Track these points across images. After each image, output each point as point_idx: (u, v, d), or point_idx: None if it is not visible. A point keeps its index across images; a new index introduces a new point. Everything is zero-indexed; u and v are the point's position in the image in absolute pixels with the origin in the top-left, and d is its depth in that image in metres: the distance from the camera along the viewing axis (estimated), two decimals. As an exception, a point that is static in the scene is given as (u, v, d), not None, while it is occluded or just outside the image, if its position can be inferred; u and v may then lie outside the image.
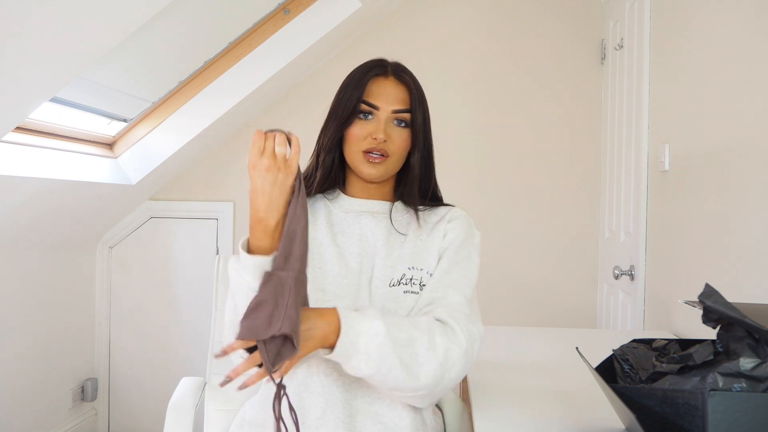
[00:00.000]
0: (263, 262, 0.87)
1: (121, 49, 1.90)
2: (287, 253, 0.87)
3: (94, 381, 2.74)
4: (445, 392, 1.00)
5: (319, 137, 1.13)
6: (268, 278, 0.85)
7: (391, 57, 1.18)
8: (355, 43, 2.71)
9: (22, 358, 2.29)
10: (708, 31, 1.61)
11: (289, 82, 2.66)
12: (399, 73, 1.12)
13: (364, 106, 1.07)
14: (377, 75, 1.10)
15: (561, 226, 2.66)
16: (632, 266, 2.11)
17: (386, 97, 1.08)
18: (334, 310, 0.90)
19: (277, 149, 0.88)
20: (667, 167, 1.85)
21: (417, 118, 1.09)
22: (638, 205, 2.08)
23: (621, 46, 2.33)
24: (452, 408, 1.28)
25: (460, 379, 0.99)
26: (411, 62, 3.05)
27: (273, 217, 0.88)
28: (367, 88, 1.08)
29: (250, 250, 0.91)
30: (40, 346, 2.39)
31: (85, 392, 2.69)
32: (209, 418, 1.39)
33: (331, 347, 0.89)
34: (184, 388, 1.39)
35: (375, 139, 1.06)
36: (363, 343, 0.88)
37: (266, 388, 1.11)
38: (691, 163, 1.69)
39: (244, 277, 0.88)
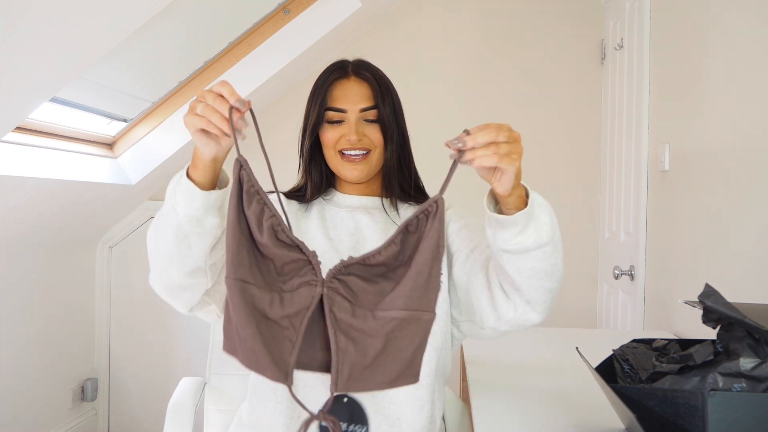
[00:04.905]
0: (194, 192, 0.85)
1: (121, 49, 1.89)
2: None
3: (94, 381, 2.74)
4: (551, 305, 0.97)
5: (300, 149, 1.15)
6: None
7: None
8: (355, 43, 2.71)
9: (22, 358, 2.29)
10: (708, 31, 1.61)
11: (288, 82, 2.66)
12: (359, 71, 1.11)
13: (331, 113, 1.09)
14: (338, 78, 1.10)
15: (561, 226, 2.62)
16: (632, 266, 2.11)
17: (351, 97, 1.09)
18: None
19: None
20: (667, 167, 1.85)
21: (384, 111, 1.09)
22: (638, 205, 2.08)
23: (621, 46, 2.33)
24: (452, 408, 1.28)
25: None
26: (410, 62, 3.06)
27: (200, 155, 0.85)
28: (330, 94, 1.09)
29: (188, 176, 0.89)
30: (40, 346, 2.39)
31: (85, 392, 2.69)
32: (209, 418, 1.39)
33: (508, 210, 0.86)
34: (184, 388, 1.39)
35: (348, 141, 1.07)
36: (536, 209, 0.87)
37: (257, 390, 1.09)
38: (691, 163, 1.69)
39: (177, 194, 0.87)
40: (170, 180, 0.90)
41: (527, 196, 0.87)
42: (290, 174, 1.20)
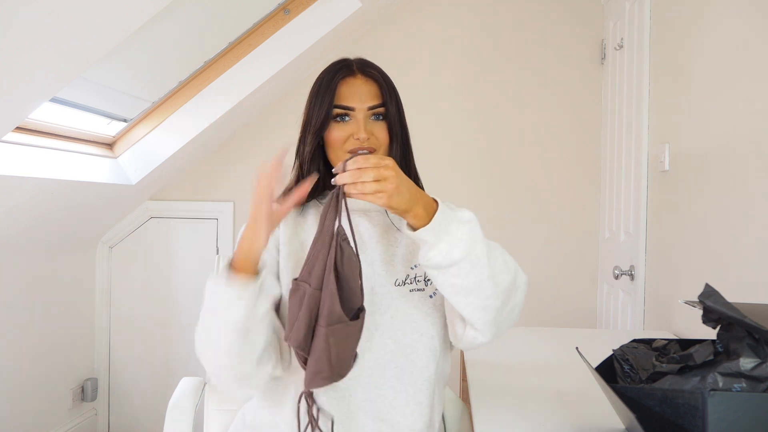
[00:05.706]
0: (246, 286, 0.88)
1: (121, 49, 1.89)
2: (311, 266, 0.88)
3: (94, 381, 2.74)
4: (509, 322, 0.98)
5: (298, 149, 1.12)
6: (295, 286, 0.88)
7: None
8: (355, 43, 2.71)
9: (22, 358, 2.29)
10: (708, 30, 1.61)
11: (288, 82, 2.66)
12: (365, 68, 1.10)
13: (339, 111, 1.07)
14: (345, 76, 1.09)
15: (561, 226, 2.66)
16: (632, 266, 2.11)
17: (359, 95, 1.07)
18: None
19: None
20: (667, 167, 1.85)
21: (391, 109, 1.09)
22: (638, 205, 2.08)
23: (621, 46, 2.33)
24: (452, 408, 1.28)
25: (519, 313, 0.98)
26: (410, 63, 3.06)
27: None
28: (337, 92, 1.07)
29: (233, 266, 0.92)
30: (40, 347, 2.39)
31: (85, 392, 2.69)
32: (209, 419, 1.39)
33: (416, 228, 0.89)
34: (184, 388, 1.39)
35: (358, 139, 1.05)
36: (454, 226, 0.88)
37: (265, 391, 1.10)
38: (691, 163, 1.69)
39: (228, 296, 0.89)
40: (206, 286, 0.93)
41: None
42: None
